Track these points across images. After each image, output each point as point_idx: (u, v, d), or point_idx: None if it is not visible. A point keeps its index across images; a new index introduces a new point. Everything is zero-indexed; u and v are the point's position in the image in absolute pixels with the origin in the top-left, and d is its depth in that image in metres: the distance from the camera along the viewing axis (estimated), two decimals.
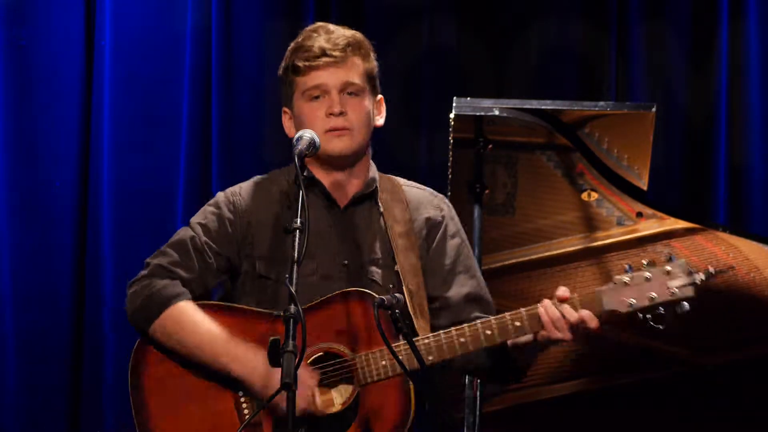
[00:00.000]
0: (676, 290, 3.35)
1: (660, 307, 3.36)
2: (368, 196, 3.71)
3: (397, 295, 3.41)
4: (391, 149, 5.50)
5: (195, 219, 3.72)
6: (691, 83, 5.56)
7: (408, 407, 3.47)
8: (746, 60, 5.53)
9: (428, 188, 3.82)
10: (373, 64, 3.73)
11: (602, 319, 3.42)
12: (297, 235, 3.29)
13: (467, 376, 4.26)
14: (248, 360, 3.51)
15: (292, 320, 3.18)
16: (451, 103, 4.15)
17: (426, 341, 3.49)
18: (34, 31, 5.53)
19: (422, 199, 3.76)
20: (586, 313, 3.43)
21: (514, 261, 4.38)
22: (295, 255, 3.26)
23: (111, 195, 5.54)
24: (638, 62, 5.59)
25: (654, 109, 4.17)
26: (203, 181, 5.53)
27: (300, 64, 3.64)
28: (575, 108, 4.22)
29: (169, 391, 3.60)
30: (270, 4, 5.64)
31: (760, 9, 5.52)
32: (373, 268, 3.65)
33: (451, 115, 4.13)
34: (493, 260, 4.34)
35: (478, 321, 3.50)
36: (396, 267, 3.64)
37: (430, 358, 3.48)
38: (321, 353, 3.52)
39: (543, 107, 4.16)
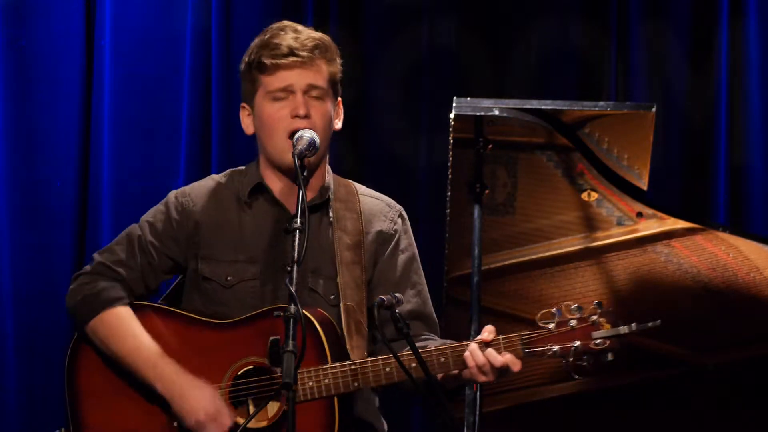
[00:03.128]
0: (599, 341, 3.39)
1: (583, 356, 3.41)
2: (320, 205, 3.70)
3: (396, 294, 3.41)
4: (391, 149, 5.50)
5: (145, 217, 3.76)
6: (691, 83, 5.56)
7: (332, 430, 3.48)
8: (746, 60, 5.53)
9: (385, 198, 3.82)
10: (338, 68, 3.70)
11: (524, 362, 3.46)
12: (297, 236, 3.30)
13: None
14: (173, 382, 3.54)
15: (291, 320, 3.19)
16: (451, 103, 4.15)
17: (352, 367, 3.48)
18: (34, 31, 5.54)
19: (376, 211, 3.76)
20: (509, 357, 3.46)
21: (514, 261, 4.37)
22: (295, 255, 3.27)
23: (111, 195, 5.54)
24: (638, 62, 5.59)
25: (654, 109, 4.17)
26: None
27: (267, 61, 3.61)
28: (575, 108, 4.21)
29: (103, 386, 3.64)
30: (270, 4, 5.64)
31: (760, 9, 5.51)
32: (316, 278, 3.65)
33: (451, 115, 4.13)
34: (493, 260, 4.33)
35: (405, 352, 3.49)
36: (338, 279, 3.64)
37: (356, 384, 3.48)
38: (251, 366, 3.53)
39: (543, 107, 4.15)
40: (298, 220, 3.31)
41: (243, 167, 3.80)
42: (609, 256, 4.34)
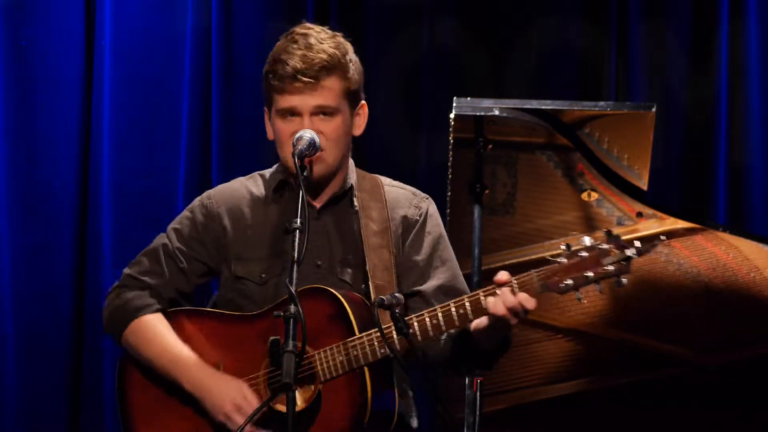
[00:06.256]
0: (610, 267, 3.32)
1: (596, 284, 3.34)
2: (343, 195, 3.71)
3: (396, 294, 3.42)
4: (391, 149, 5.51)
5: (171, 224, 3.79)
6: (691, 83, 5.56)
7: (365, 400, 3.47)
8: (746, 60, 5.53)
9: (410, 188, 3.79)
10: (354, 77, 3.63)
11: (539, 299, 3.41)
12: (297, 235, 3.30)
13: (465, 375, 4.25)
14: (197, 378, 3.57)
15: (292, 320, 3.19)
16: (451, 103, 4.15)
17: (377, 334, 3.44)
18: (34, 31, 5.54)
19: (401, 199, 3.74)
20: (522, 296, 3.39)
21: (514, 261, 4.38)
22: (295, 255, 3.27)
23: (111, 195, 5.55)
24: (638, 62, 5.59)
25: (654, 109, 4.17)
26: (203, 181, 5.53)
27: (274, 82, 3.59)
28: (575, 108, 4.22)
29: (149, 399, 3.65)
30: (270, 4, 5.64)
31: (760, 9, 5.51)
32: (345, 269, 3.66)
33: (451, 115, 4.14)
34: (493, 260, 4.34)
35: (425, 311, 3.46)
36: (367, 266, 3.64)
37: (382, 351, 3.46)
38: None
39: (543, 107, 4.16)
40: (298, 220, 3.32)
41: (267, 170, 3.80)
42: None
